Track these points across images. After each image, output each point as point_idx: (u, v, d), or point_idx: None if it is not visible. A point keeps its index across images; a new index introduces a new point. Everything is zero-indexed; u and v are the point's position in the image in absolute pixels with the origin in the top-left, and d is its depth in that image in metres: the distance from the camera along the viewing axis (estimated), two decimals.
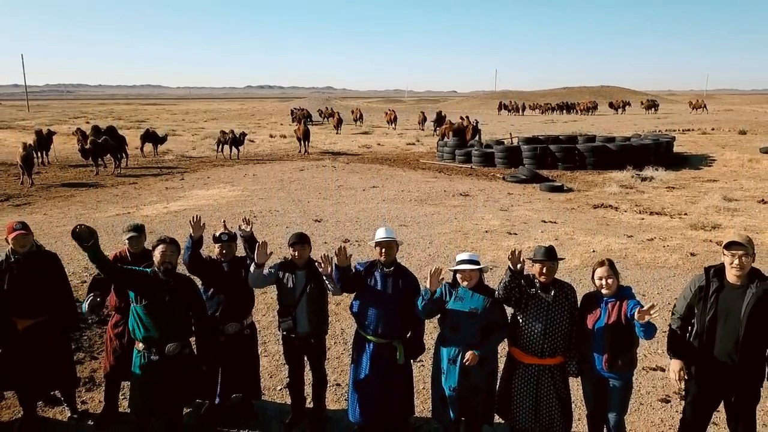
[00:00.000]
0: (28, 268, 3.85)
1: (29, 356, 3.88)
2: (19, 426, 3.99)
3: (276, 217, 11.18)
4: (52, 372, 3.98)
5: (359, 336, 3.85)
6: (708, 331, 3.16)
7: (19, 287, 3.81)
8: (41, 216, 12.22)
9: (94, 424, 4.10)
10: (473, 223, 10.65)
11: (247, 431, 4.03)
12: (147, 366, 3.58)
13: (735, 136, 29.80)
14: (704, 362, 3.18)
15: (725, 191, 14.00)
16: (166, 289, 3.55)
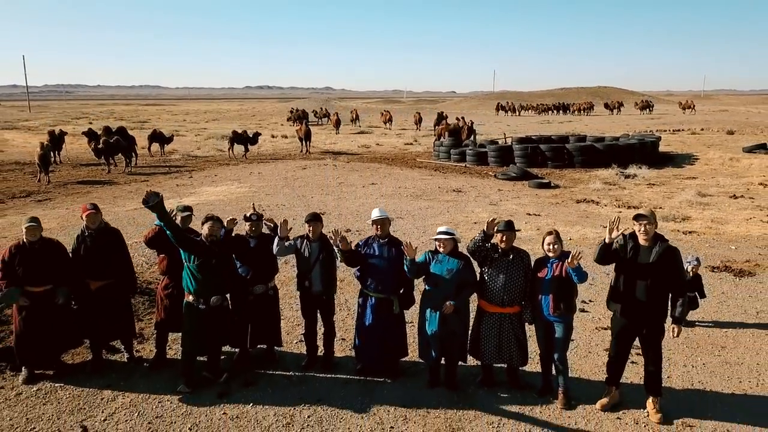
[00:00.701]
0: (98, 241, 4.86)
1: (99, 311, 4.88)
2: (90, 367, 4.99)
3: (282, 211, 12.17)
4: (115, 325, 4.99)
5: (363, 293, 4.86)
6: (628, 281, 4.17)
7: (92, 256, 4.82)
8: (64, 210, 13.20)
9: (148, 366, 5.09)
10: (464, 216, 11.66)
11: (271, 372, 5.03)
12: (195, 314, 4.58)
13: (723, 136, 30.82)
14: (626, 303, 4.18)
15: (701, 187, 15.02)
16: (212, 254, 4.55)
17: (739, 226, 10.78)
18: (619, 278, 4.23)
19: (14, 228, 11.14)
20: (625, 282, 4.17)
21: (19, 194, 15.70)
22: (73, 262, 4.85)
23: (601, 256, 4.18)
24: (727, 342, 5.59)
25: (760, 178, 16.55)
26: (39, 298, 4.71)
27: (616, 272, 4.29)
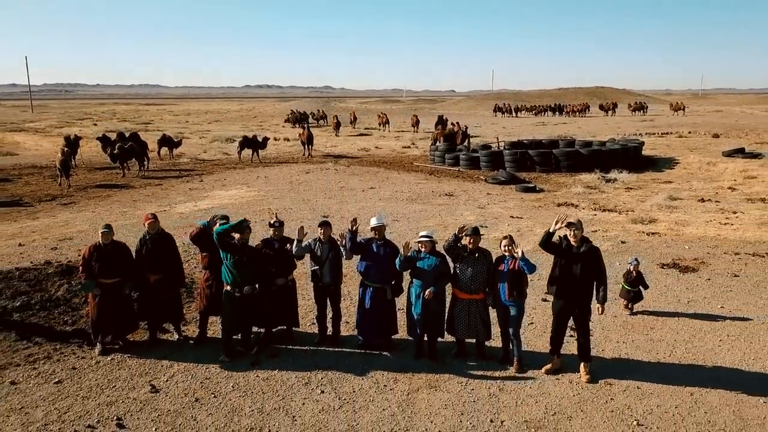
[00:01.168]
0: (156, 243, 6.19)
1: (155, 298, 6.21)
2: (148, 344, 6.32)
3: (290, 214, 13.49)
4: (168, 309, 6.32)
5: (363, 284, 6.19)
6: (563, 271, 5.50)
7: (151, 255, 6.15)
8: (90, 213, 14.51)
9: (192, 342, 6.42)
10: (453, 219, 12.98)
11: (290, 347, 6.36)
12: (232, 300, 5.91)
13: (708, 139, 32.13)
14: (563, 289, 5.51)
15: (674, 191, 16.36)
16: (244, 253, 5.88)
17: (698, 228, 12.11)
18: (556, 267, 5.58)
19: (50, 230, 12.44)
20: (560, 270, 5.51)
21: (45, 198, 17.01)
22: (137, 260, 6.18)
23: (544, 241, 5.51)
24: (656, 324, 6.93)
25: (731, 182, 17.90)
26: (109, 289, 6.03)
27: (554, 262, 5.62)
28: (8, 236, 11.87)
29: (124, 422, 4.92)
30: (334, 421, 4.98)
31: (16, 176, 21.49)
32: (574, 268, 5.43)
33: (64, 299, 7.24)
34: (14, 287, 7.55)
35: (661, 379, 5.55)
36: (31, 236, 11.76)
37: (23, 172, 22.63)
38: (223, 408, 5.16)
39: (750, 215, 13.24)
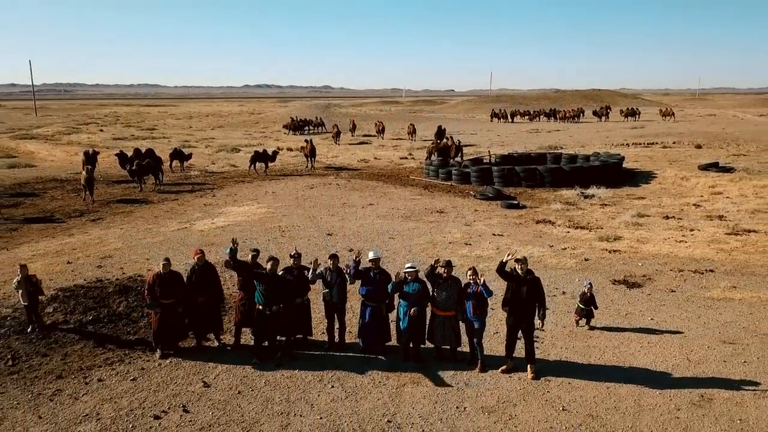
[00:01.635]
0: (202, 271, 7.99)
1: (201, 314, 8.00)
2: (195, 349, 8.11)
3: (298, 231, 15.28)
4: (211, 322, 8.12)
5: (363, 303, 7.98)
6: (513, 294, 7.29)
7: (198, 280, 7.95)
8: (119, 230, 16.28)
9: (230, 348, 8.22)
10: (442, 236, 14.78)
11: (306, 351, 8.15)
12: (263, 317, 7.70)
13: (690, 150, 33.91)
14: (514, 308, 7.31)
15: (644, 208, 18.17)
16: (273, 281, 7.68)
17: (655, 246, 13.92)
18: (508, 291, 7.38)
19: (88, 247, 14.19)
20: (511, 293, 7.32)
21: (74, 213, 18.77)
22: (187, 284, 7.97)
23: (499, 269, 7.29)
24: (595, 334, 8.72)
25: (698, 199, 19.72)
26: (167, 307, 7.82)
27: (506, 287, 7.41)
28: (53, 253, 13.66)
29: (188, 408, 6.72)
30: (342, 407, 6.77)
31: (41, 190, 23.26)
32: (522, 291, 7.23)
33: (125, 314, 9.04)
34: (83, 303, 9.35)
35: (588, 377, 7.35)
36: (73, 254, 13.54)
37: (47, 186, 24.36)
38: (259, 398, 6.95)
39: (704, 233, 15.04)
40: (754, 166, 26.44)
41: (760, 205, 18.21)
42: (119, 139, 49.55)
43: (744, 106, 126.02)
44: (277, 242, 14.10)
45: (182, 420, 6.49)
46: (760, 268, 12.05)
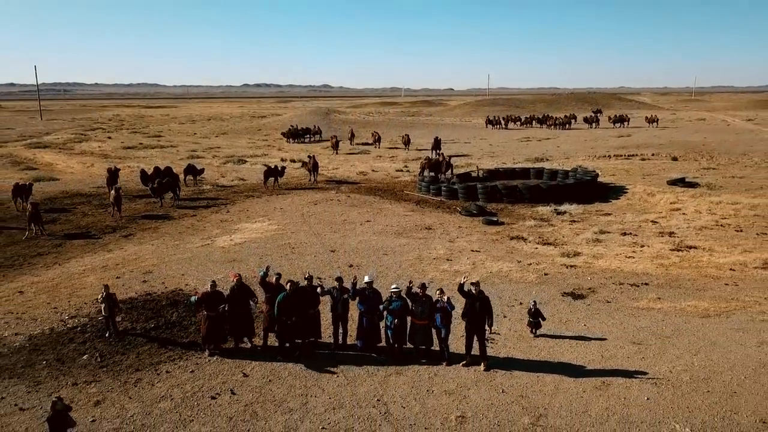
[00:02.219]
0: (239, 290, 10.64)
1: (238, 322, 10.66)
2: (233, 349, 10.77)
3: (306, 248, 17.92)
4: (245, 329, 10.77)
5: (360, 315, 10.65)
6: (470, 308, 9.95)
7: (236, 297, 10.61)
8: (150, 246, 18.91)
9: (259, 349, 10.87)
10: (428, 252, 17.43)
11: (317, 351, 10.81)
12: (284, 324, 10.36)
13: (666, 163, 36.56)
14: (470, 318, 9.97)
15: (607, 225, 20.82)
16: (292, 299, 10.34)
17: (607, 261, 16.57)
18: (466, 305, 10.04)
19: (128, 263, 16.80)
20: (468, 307, 9.98)
21: (106, 230, 21.38)
22: (228, 300, 10.62)
23: (459, 288, 9.95)
24: (539, 338, 11.36)
25: (657, 215, 22.37)
26: (212, 318, 10.46)
27: (465, 302, 10.07)
28: (100, 269, 16.32)
29: (234, 391, 9.37)
30: (344, 391, 9.43)
31: (71, 206, 25.87)
32: (476, 306, 9.89)
33: (177, 322, 11.69)
34: (143, 314, 12.01)
35: (525, 369, 10.00)
36: (117, 269, 16.20)
37: (75, 201, 26.98)
38: (284, 384, 9.61)
39: (652, 249, 17.70)
40: (718, 180, 29.12)
41: (709, 222, 20.88)
42: (129, 148, 52.22)
43: (737, 108, 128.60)
44: (288, 258, 16.75)
45: (231, 399, 9.15)
46: (686, 282, 14.72)
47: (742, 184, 27.95)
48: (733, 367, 9.78)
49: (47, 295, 14.01)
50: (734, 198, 24.48)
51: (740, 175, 30.76)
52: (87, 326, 11.69)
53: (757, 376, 9.44)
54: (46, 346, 10.88)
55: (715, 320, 12.02)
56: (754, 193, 25.77)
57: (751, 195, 25.19)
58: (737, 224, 20.50)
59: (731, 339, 10.94)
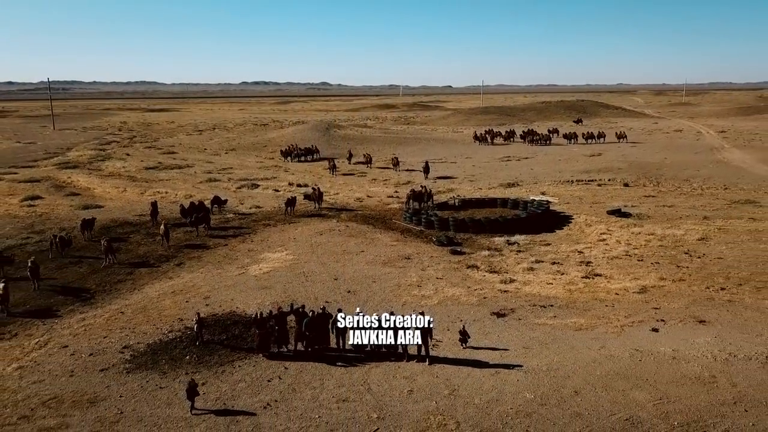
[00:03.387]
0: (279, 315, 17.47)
1: (280, 334, 17.47)
2: (276, 353, 17.59)
3: (316, 276, 24.68)
4: (283, 339, 17.59)
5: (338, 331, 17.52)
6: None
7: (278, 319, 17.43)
8: (200, 274, 25.69)
9: (292, 353, 17.68)
10: (405, 280, 24.20)
11: (327, 353, 17.63)
12: (306, 337, 17.19)
13: (617, 190, 43.36)
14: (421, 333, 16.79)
15: (544, 254, 27.58)
16: (316, 321, 17.17)
17: (532, 287, 23.36)
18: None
19: (188, 289, 23.51)
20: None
21: (161, 259, 28.13)
22: (272, 320, 17.38)
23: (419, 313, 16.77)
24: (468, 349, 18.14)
25: (585, 245, 29.15)
26: (262, 333, 17.24)
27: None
28: (170, 294, 23.11)
29: (281, 377, 16.16)
30: (344, 376, 16.19)
31: (124, 235, 32.57)
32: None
33: (239, 335, 18.47)
34: (215, 329, 18.78)
35: (453, 364, 16.77)
36: (183, 294, 22.97)
37: (126, 230, 33.66)
38: (309, 373, 16.39)
39: (568, 276, 24.49)
40: (649, 210, 35.94)
41: (621, 252, 27.70)
42: (150, 168, 59.01)
43: (720, 115, 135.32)
44: (303, 285, 23.57)
45: (279, 382, 15.96)
46: (580, 304, 21.53)
47: (667, 214, 34.75)
48: (576, 362, 16.58)
49: (142, 315, 20.84)
50: (652, 229, 31.29)
51: (671, 204, 37.59)
52: (182, 338, 18.51)
53: (587, 367, 16.24)
54: (161, 351, 17.72)
55: (582, 332, 18.85)
56: (672, 223, 32.55)
57: (668, 226, 31.98)
58: (641, 254, 27.33)
59: (585, 345, 17.75)
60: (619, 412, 13.93)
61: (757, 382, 15.07)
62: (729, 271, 24.50)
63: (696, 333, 18.41)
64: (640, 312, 20.45)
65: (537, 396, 14.80)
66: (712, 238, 29.47)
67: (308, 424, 13.87)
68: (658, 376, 15.50)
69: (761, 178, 45.62)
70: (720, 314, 20.05)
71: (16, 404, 15.10)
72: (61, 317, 21.22)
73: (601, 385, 15.18)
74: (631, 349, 17.11)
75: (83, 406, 14.90)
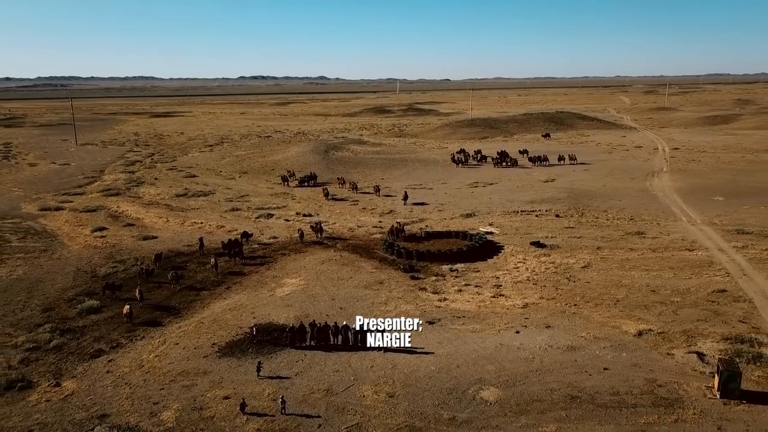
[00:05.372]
0: (300, 325, 31.90)
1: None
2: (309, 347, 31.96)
3: (320, 297, 38.92)
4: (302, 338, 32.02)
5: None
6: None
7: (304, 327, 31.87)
8: (244, 296, 40.02)
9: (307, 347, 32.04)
10: (378, 299, 38.52)
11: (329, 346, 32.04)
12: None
13: (549, 221, 57.45)
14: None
15: (473, 279, 41.84)
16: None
17: (457, 304, 37.64)
18: None
19: (241, 307, 37.77)
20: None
21: (214, 283, 42.40)
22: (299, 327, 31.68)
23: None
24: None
25: (503, 272, 43.37)
26: (292, 335, 31.56)
27: None
28: (228, 310, 37.43)
29: (303, 360, 30.49)
30: (338, 359, 30.46)
31: (181, 263, 46.77)
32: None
33: (277, 337, 32.76)
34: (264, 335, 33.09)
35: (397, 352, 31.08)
36: (238, 310, 37.28)
37: (182, 260, 47.85)
38: (319, 358, 30.69)
39: (481, 296, 38.73)
40: (563, 241, 50.15)
41: (525, 278, 41.97)
42: (180, 196, 73.21)
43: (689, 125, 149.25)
44: (312, 303, 37.88)
45: (302, 362, 30.29)
46: (482, 316, 35.83)
47: (573, 245, 48.98)
48: (464, 351, 30.82)
49: (215, 324, 35.16)
50: (555, 258, 45.53)
51: (580, 235, 51.83)
52: (243, 338, 32.80)
53: (469, 353, 30.50)
54: (234, 346, 32.01)
55: (475, 334, 33.15)
56: (572, 253, 46.76)
57: (567, 255, 46.21)
58: (537, 279, 41.60)
59: (473, 341, 32.03)
60: (478, 375, 28.33)
61: (555, 359, 29.48)
62: (586, 292, 38.83)
63: (540, 334, 32.78)
64: (515, 321, 34.82)
65: (438, 368, 29.21)
66: (593, 266, 43.77)
67: (318, 384, 28.19)
68: (504, 358, 29.91)
69: (662, 209, 59.84)
70: (562, 322, 34.40)
71: (164, 375, 29.48)
72: (164, 326, 35.57)
73: (472, 362, 29.58)
74: (498, 343, 31.53)
75: (201, 374, 29.28)
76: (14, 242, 52.62)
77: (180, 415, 25.62)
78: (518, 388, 27.02)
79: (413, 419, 25.00)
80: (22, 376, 29.21)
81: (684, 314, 34.60)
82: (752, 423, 24.16)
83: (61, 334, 33.85)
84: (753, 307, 35.20)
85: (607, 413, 24.86)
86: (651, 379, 27.40)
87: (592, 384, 27.12)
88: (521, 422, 24.55)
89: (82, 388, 28.11)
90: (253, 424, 24.86)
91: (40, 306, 38.40)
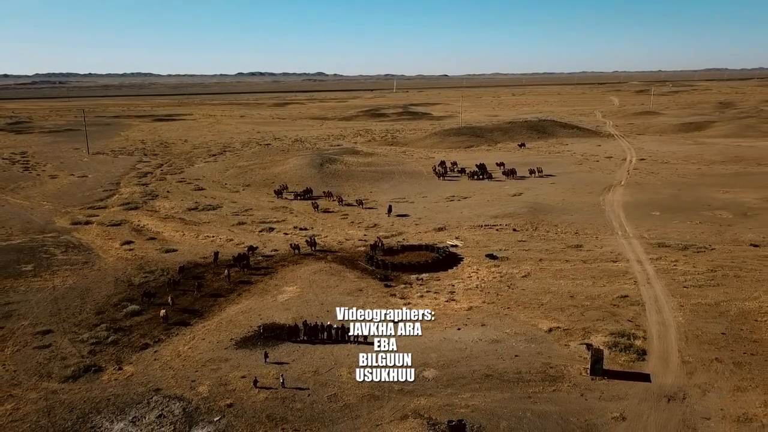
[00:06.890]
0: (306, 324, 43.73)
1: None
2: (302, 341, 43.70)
3: (312, 302, 50.61)
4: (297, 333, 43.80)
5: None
6: None
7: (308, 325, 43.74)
8: (252, 301, 51.83)
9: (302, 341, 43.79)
10: (356, 304, 50.08)
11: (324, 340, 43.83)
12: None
13: (507, 234, 69.10)
14: None
15: (433, 287, 53.51)
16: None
17: (418, 306, 49.41)
18: None
19: (253, 311, 49.44)
20: None
21: (228, 291, 54.19)
22: (295, 326, 43.40)
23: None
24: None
25: (459, 281, 55.10)
26: (290, 331, 43.26)
27: None
28: (241, 313, 49.20)
29: (298, 351, 42.24)
30: (324, 349, 42.18)
31: (199, 274, 58.49)
32: None
33: (279, 334, 44.45)
34: (270, 332, 44.76)
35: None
36: (249, 313, 49.05)
37: (200, 271, 59.55)
38: (311, 349, 42.39)
39: (438, 301, 50.30)
40: (514, 254, 61.74)
41: (474, 286, 53.64)
42: (191, 210, 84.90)
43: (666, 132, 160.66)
44: (306, 308, 49.64)
45: (298, 352, 42.05)
46: (437, 316, 47.52)
47: (520, 257, 60.64)
48: (415, 343, 42.49)
49: (232, 324, 46.91)
50: (502, 268, 57.20)
51: (529, 248, 63.47)
52: (253, 335, 44.47)
53: (418, 345, 42.16)
54: (247, 341, 43.73)
55: (428, 330, 44.77)
56: (517, 264, 58.43)
57: (513, 266, 57.88)
58: (484, 287, 53.29)
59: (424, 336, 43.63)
60: (422, 361, 40.10)
61: (481, 349, 41.28)
62: (520, 297, 50.55)
63: (475, 330, 44.55)
64: (459, 320, 46.55)
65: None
66: (532, 275, 55.48)
67: (309, 367, 39.92)
68: (445, 348, 41.69)
69: (604, 224, 71.36)
70: (495, 321, 46.13)
71: (196, 361, 41.26)
72: (192, 325, 47.33)
73: (420, 351, 41.34)
74: (442, 337, 43.34)
75: (223, 361, 41.03)
76: (59, 255, 64.30)
77: (211, 388, 37.38)
78: (450, 370, 38.83)
79: (374, 390, 36.77)
80: (94, 363, 40.96)
81: (588, 315, 46.32)
82: (606, 391, 35.91)
83: (115, 332, 45.58)
84: (643, 310, 46.88)
85: (508, 385, 36.65)
86: (547, 363, 39.16)
87: (503, 366, 38.89)
88: (448, 392, 36.34)
89: (139, 371, 39.87)
90: (263, 394, 36.58)
91: (93, 310, 50.14)
